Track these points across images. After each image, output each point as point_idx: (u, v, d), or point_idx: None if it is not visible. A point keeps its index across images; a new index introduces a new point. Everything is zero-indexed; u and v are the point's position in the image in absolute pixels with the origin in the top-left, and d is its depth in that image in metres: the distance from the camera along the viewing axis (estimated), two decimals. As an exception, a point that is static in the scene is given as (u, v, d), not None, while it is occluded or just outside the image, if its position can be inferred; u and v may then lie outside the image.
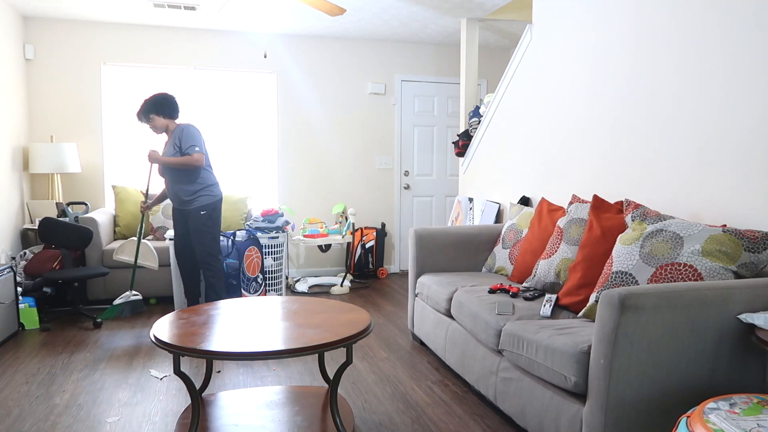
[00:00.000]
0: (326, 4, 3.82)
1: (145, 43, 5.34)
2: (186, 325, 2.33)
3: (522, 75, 4.08)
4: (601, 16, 3.23)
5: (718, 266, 2.09)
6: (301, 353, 2.07)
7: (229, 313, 2.54)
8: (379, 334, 3.95)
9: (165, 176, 3.87)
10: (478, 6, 4.72)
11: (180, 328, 2.30)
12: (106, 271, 4.19)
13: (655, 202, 2.82)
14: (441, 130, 6.28)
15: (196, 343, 2.10)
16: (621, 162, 3.07)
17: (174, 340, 2.13)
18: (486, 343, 2.61)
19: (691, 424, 1.47)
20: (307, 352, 2.08)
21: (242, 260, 4.34)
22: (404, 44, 6.07)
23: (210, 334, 2.22)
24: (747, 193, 2.33)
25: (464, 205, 4.86)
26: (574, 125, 3.48)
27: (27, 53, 5.02)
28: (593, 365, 1.90)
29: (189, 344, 2.08)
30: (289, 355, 2.07)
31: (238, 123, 5.68)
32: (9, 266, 3.81)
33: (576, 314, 2.55)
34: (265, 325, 2.35)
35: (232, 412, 2.53)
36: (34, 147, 4.83)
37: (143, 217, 4.09)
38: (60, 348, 3.60)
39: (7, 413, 2.65)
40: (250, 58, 5.62)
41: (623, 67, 3.04)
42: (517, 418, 2.38)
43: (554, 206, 3.24)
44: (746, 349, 1.94)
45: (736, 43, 2.37)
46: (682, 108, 2.66)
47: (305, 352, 2.08)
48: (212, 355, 2.04)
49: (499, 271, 3.48)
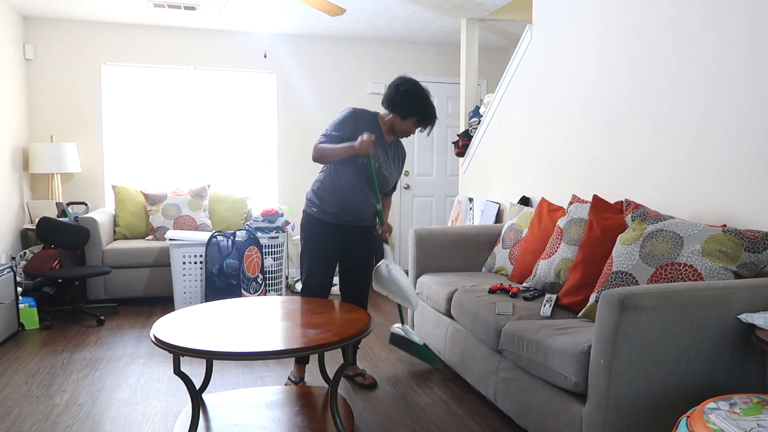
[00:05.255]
0: (326, 4, 3.82)
1: (145, 43, 5.34)
2: (186, 325, 2.33)
3: (522, 75, 4.08)
4: (601, 15, 3.23)
5: (718, 266, 2.09)
6: (301, 353, 2.07)
7: (228, 313, 2.53)
8: (379, 334, 3.95)
9: (357, 182, 2.88)
10: (478, 6, 4.72)
11: (180, 328, 2.29)
12: (107, 270, 4.19)
13: (655, 202, 2.82)
14: (441, 130, 6.28)
15: (196, 343, 2.10)
16: (621, 162, 3.07)
17: (174, 340, 2.13)
18: (486, 343, 2.61)
19: (691, 424, 1.47)
20: (307, 351, 2.08)
21: (242, 260, 4.34)
22: (404, 44, 6.07)
23: (210, 334, 2.21)
24: (747, 193, 2.33)
25: (464, 205, 4.86)
26: (574, 125, 3.48)
27: (27, 53, 5.02)
28: (593, 365, 1.90)
29: (189, 344, 2.08)
30: (288, 355, 2.06)
31: (238, 123, 5.68)
32: (9, 266, 3.81)
33: (576, 314, 2.55)
34: (265, 325, 2.35)
35: (231, 412, 2.52)
36: (34, 147, 4.83)
37: (387, 241, 3.10)
38: (60, 348, 3.60)
39: (7, 413, 2.65)
40: (250, 58, 5.62)
41: (623, 67, 3.04)
42: (517, 418, 2.38)
43: (554, 206, 3.24)
44: (746, 349, 1.94)
45: (737, 43, 2.37)
46: (681, 108, 2.65)
47: (305, 351, 2.08)
48: (212, 355, 2.04)
49: (499, 271, 3.48)
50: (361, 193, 2.89)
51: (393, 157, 2.97)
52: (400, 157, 3.02)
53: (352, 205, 2.90)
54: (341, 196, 2.89)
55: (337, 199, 2.90)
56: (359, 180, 2.87)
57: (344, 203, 2.90)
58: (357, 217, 2.95)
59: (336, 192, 2.89)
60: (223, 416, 2.48)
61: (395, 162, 2.99)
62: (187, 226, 4.94)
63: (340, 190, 2.88)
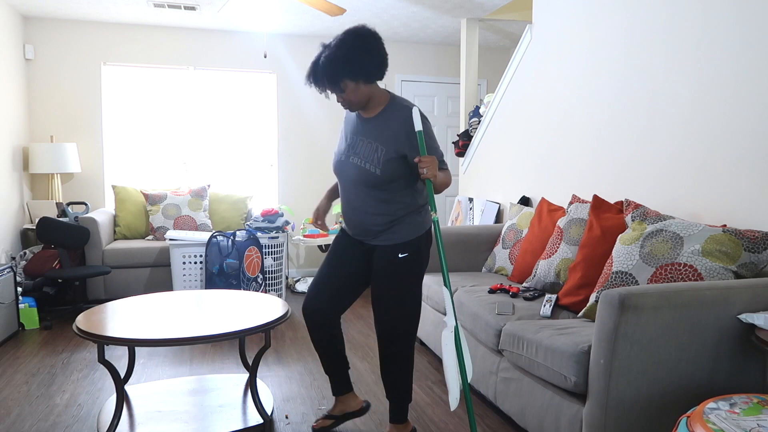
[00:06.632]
0: (326, 4, 3.82)
1: (145, 43, 5.34)
2: (109, 316, 2.46)
3: (522, 75, 4.08)
4: (601, 15, 3.23)
5: (718, 266, 2.09)
6: (220, 339, 2.23)
7: (155, 306, 2.66)
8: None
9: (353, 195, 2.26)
10: (478, 6, 4.72)
11: (103, 318, 2.42)
12: (107, 270, 4.19)
13: (655, 202, 2.82)
14: (441, 130, 6.28)
15: (117, 332, 2.23)
16: (621, 162, 3.07)
17: (96, 329, 2.25)
18: (486, 342, 2.61)
19: (691, 424, 1.47)
20: (226, 338, 2.24)
21: (242, 260, 4.34)
22: (404, 44, 6.07)
23: (132, 324, 2.34)
24: (747, 193, 2.33)
25: (464, 205, 4.86)
26: (574, 125, 3.48)
27: (27, 53, 5.02)
28: (593, 365, 1.90)
29: (111, 333, 2.21)
30: (206, 341, 2.21)
31: (238, 123, 5.68)
32: (9, 266, 3.81)
33: (576, 314, 2.55)
34: (188, 315, 2.49)
35: (155, 400, 2.65)
36: (34, 147, 4.83)
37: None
38: (60, 348, 3.60)
39: (7, 413, 2.65)
40: (250, 58, 5.62)
41: (623, 67, 3.04)
42: (517, 418, 2.38)
43: (554, 206, 3.24)
44: (746, 349, 1.94)
45: (737, 42, 2.37)
46: (682, 108, 2.65)
47: (224, 338, 2.24)
48: (133, 342, 2.17)
49: (499, 271, 3.48)
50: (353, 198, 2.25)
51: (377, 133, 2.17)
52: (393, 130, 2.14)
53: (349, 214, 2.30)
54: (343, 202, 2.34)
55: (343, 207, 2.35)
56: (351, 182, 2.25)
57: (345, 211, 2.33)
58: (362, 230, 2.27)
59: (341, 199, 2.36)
60: (147, 404, 2.60)
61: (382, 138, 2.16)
62: (187, 226, 4.94)
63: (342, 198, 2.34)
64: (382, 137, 2.16)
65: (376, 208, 2.20)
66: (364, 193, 2.20)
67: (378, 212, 2.20)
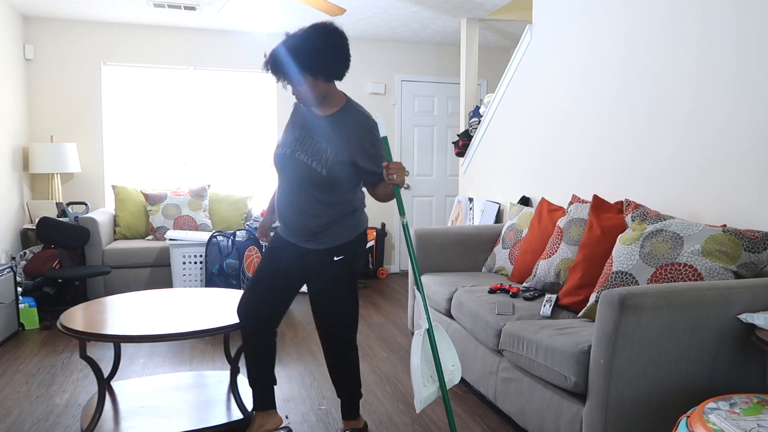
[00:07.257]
0: (326, 4, 3.82)
1: (145, 43, 5.34)
2: (94, 313, 2.47)
3: (522, 75, 4.08)
4: (601, 15, 3.23)
5: (718, 266, 2.09)
6: (203, 335, 2.27)
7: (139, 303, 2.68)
8: (379, 334, 3.95)
9: (294, 193, 2.19)
10: (478, 6, 4.72)
11: (88, 315, 2.43)
12: (107, 270, 4.19)
13: (655, 202, 2.82)
14: (441, 130, 6.28)
15: (101, 328, 2.25)
16: (621, 162, 3.07)
17: (80, 326, 2.27)
18: (486, 343, 2.61)
19: (691, 424, 1.47)
20: (208, 334, 2.28)
21: (242, 260, 4.34)
22: (404, 44, 6.07)
23: (115, 321, 2.36)
24: (747, 193, 2.33)
25: (464, 205, 4.86)
26: (574, 125, 3.48)
27: (27, 53, 5.02)
28: (593, 365, 1.90)
29: (94, 330, 2.24)
30: (190, 337, 2.25)
31: (238, 123, 5.68)
32: (9, 266, 3.81)
33: (576, 314, 2.55)
34: (172, 313, 2.50)
35: (139, 395, 2.67)
36: (34, 147, 4.83)
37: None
38: (60, 348, 3.60)
39: (7, 413, 2.65)
40: (250, 58, 5.62)
41: (623, 66, 3.04)
42: (517, 418, 2.38)
43: (554, 206, 3.24)
44: (746, 349, 1.94)
45: (736, 43, 2.37)
46: (682, 108, 2.65)
47: (207, 334, 2.27)
48: (116, 339, 2.19)
49: (499, 271, 3.48)
50: (295, 198, 2.15)
51: (329, 134, 2.13)
52: (345, 134, 2.11)
53: (287, 215, 2.20)
54: (281, 202, 2.23)
55: (281, 207, 2.24)
56: (295, 180, 2.15)
57: (283, 212, 2.22)
58: (298, 232, 2.19)
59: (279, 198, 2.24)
60: (131, 400, 2.62)
61: (334, 140, 2.11)
62: (187, 226, 4.94)
63: (281, 197, 2.23)
64: (334, 139, 2.11)
65: (317, 210, 2.14)
66: (307, 192, 2.13)
67: (318, 214, 2.15)
